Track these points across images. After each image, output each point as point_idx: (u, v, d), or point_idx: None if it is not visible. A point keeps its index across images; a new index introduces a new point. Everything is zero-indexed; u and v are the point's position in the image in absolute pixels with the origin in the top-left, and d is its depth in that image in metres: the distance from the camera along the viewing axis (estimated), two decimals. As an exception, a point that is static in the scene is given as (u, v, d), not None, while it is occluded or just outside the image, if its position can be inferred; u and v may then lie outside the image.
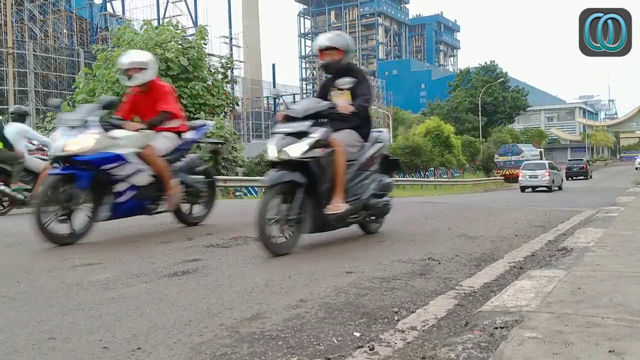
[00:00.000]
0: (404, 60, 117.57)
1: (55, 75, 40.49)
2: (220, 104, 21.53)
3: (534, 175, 30.11)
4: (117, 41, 20.49)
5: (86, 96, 19.09)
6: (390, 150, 27.86)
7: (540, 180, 29.74)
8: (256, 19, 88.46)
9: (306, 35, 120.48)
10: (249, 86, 55.03)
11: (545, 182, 29.51)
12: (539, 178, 29.83)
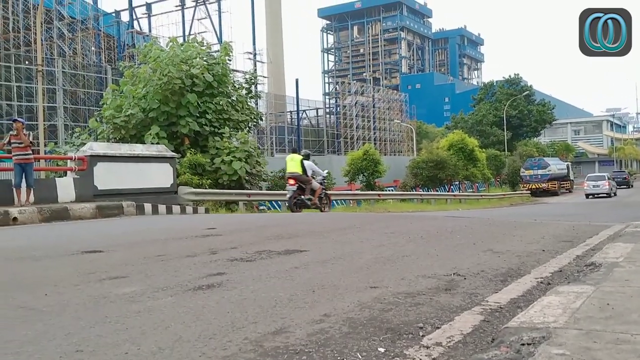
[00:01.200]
0: (427, 74, 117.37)
1: (83, 92, 41.36)
2: (245, 119, 21.73)
3: (596, 185, 37.46)
4: (144, 58, 20.86)
5: (113, 112, 19.42)
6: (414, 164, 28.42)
7: (602, 189, 36.93)
8: (280, 35, 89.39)
9: (329, 51, 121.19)
10: (272, 101, 55.47)
11: (606, 190, 36.81)
12: (600, 187, 37.05)
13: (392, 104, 70.91)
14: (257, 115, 23.99)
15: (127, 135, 19.27)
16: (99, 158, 13.92)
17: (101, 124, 20.53)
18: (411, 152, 61.15)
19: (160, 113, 19.02)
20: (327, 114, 68.08)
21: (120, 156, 14.60)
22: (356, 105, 64.18)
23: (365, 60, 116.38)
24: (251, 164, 19.87)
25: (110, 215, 12.50)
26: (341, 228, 8.78)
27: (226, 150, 19.06)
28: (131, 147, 15.90)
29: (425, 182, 38.71)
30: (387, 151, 63.80)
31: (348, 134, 60.54)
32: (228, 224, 9.96)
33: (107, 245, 6.54)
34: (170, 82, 18.62)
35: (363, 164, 33.44)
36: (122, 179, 14.26)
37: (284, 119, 58.89)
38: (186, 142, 19.42)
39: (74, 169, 13.57)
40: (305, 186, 14.90)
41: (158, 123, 18.95)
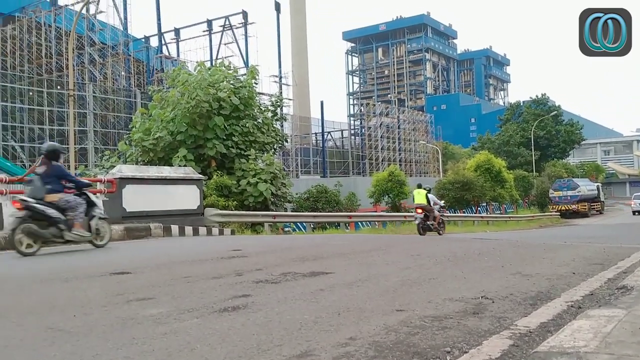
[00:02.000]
0: (452, 95, 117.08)
1: (113, 116, 42.28)
2: (270, 141, 21.91)
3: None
4: (172, 82, 21.25)
5: (142, 135, 19.77)
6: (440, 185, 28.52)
7: None
8: (305, 58, 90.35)
9: (354, 73, 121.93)
10: (297, 123, 55.86)
11: None
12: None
13: (418, 125, 70.76)
14: (283, 137, 24.17)
15: (156, 158, 19.57)
16: (127, 180, 14.13)
17: (130, 147, 20.91)
18: (437, 173, 60.74)
19: (188, 136, 19.30)
20: (352, 135, 68.21)
21: (148, 178, 14.81)
22: (381, 126, 64.22)
23: (390, 82, 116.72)
24: (277, 185, 19.97)
25: (138, 237, 12.65)
26: (366, 250, 8.73)
27: (252, 172, 19.21)
28: (159, 169, 16.13)
29: (451, 203, 38.29)
30: (412, 172, 63.49)
31: (373, 155, 60.51)
32: (253, 245, 9.99)
33: (134, 267, 6.62)
34: (198, 106, 18.92)
35: (388, 185, 33.28)
36: (150, 201, 14.45)
37: (309, 140, 59.18)
38: (213, 165, 19.63)
39: (103, 191, 13.79)
40: (429, 214, 18.09)
41: (186, 146, 19.22)
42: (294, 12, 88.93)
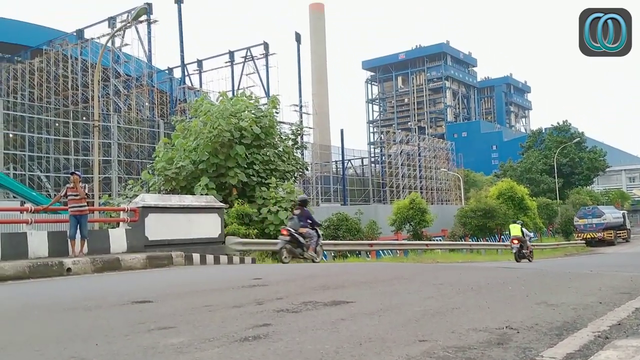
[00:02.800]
0: (473, 122, 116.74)
1: (137, 146, 42.97)
2: (291, 169, 22.00)
3: None
4: (195, 112, 21.56)
5: (165, 164, 20.00)
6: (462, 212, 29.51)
7: None
8: (325, 87, 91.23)
9: (373, 101, 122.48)
10: (318, 151, 56.11)
11: None
12: None
13: (438, 152, 70.57)
14: (303, 165, 24.26)
15: (178, 187, 19.76)
16: (150, 209, 14.28)
17: (153, 176, 21.15)
18: (459, 200, 60.29)
19: (210, 164, 19.48)
20: (373, 163, 68.24)
21: (171, 207, 14.95)
22: (401, 154, 64.17)
23: (410, 110, 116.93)
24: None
25: (160, 266, 12.71)
26: (388, 279, 8.66)
27: (273, 200, 19.27)
28: (181, 198, 16.28)
29: (474, 231, 37.89)
30: (434, 200, 63.10)
31: (394, 183, 60.35)
32: (274, 274, 9.97)
33: (156, 296, 6.64)
34: (220, 135, 19.13)
35: (409, 213, 33.08)
36: (172, 229, 14.56)
37: (330, 168, 59.31)
38: (234, 193, 19.74)
39: (126, 220, 13.95)
40: (523, 244, 22.39)
41: (207, 174, 19.39)
42: (314, 43, 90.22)
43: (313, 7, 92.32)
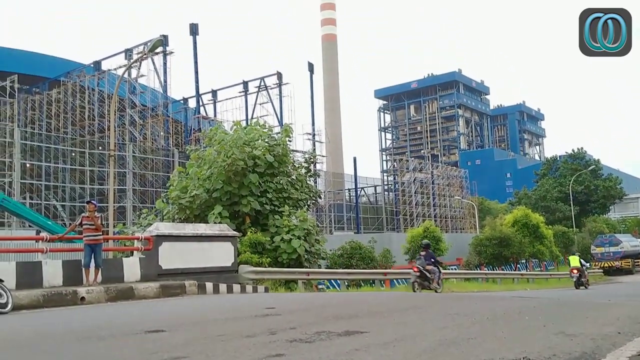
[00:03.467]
0: (487, 150, 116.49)
1: (151, 175, 43.34)
2: (304, 197, 22.03)
3: None
4: (209, 141, 21.76)
5: (179, 193, 20.13)
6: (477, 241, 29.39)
7: None
8: (337, 115, 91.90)
9: (386, 129, 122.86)
10: (331, 179, 56.16)
11: None
12: None
13: (452, 180, 70.29)
14: (316, 193, 24.28)
15: (192, 215, 19.84)
16: (164, 238, 14.33)
17: (167, 205, 21.27)
18: (474, 229, 59.77)
19: (224, 193, 19.57)
20: (386, 191, 68.08)
21: (185, 236, 14.99)
22: (415, 182, 63.99)
23: (423, 138, 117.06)
24: (310, 242, 19.92)
25: (173, 295, 12.70)
26: (402, 308, 8.56)
27: (286, 228, 19.26)
28: (195, 226, 16.33)
29: (489, 260, 37.44)
30: (448, 228, 62.60)
31: (407, 211, 60.06)
32: (287, 303, 9.91)
33: (169, 325, 6.62)
34: (234, 164, 19.26)
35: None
36: (186, 258, 14.57)
37: (343, 196, 59.25)
38: (247, 221, 19.77)
39: (140, 248, 13.99)
40: (581, 273, 24.34)
41: (221, 203, 19.46)
42: (326, 72, 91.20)
43: (325, 38, 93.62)
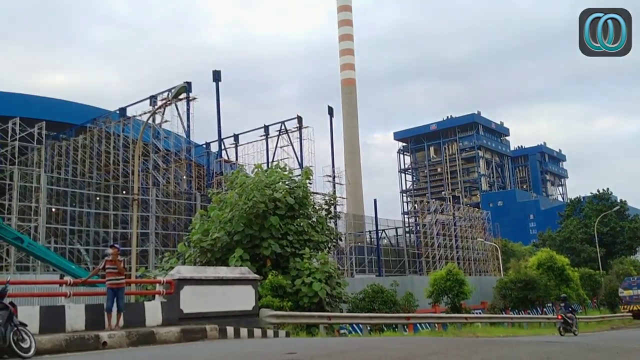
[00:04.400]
0: (508, 191, 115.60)
1: (174, 218, 43.71)
2: (324, 240, 21.99)
3: None
4: (231, 184, 22.00)
5: (201, 236, 20.27)
6: (501, 284, 29.21)
7: None
8: (357, 157, 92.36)
9: (406, 171, 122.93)
10: (351, 221, 55.98)
11: None
12: None
13: (474, 222, 69.58)
14: (337, 235, 24.25)
15: (213, 259, 19.90)
16: (185, 281, 14.36)
17: (189, 248, 21.38)
18: (497, 271, 58.76)
19: (245, 236, 19.65)
20: (407, 233, 67.56)
21: (206, 279, 15.02)
22: (436, 223, 63.45)
23: (444, 179, 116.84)
24: (331, 285, 19.78)
25: (194, 339, 12.64)
26: (426, 354, 8.42)
27: (307, 271, 19.18)
28: (216, 270, 16.36)
29: (515, 303, 36.64)
30: (471, 271, 61.62)
31: (429, 253, 59.38)
32: (308, 348, 9.81)
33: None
34: (255, 206, 19.40)
35: (447, 285, 32.30)
36: (207, 302, 14.55)
37: (364, 238, 58.90)
38: (268, 264, 19.76)
39: (161, 292, 14.03)
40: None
41: (242, 245, 19.52)
42: (346, 115, 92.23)
43: (345, 82, 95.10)
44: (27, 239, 29.07)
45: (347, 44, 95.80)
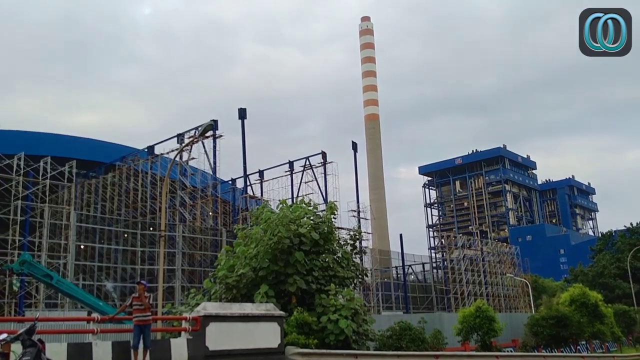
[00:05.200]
0: (537, 226, 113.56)
1: (200, 254, 43.88)
2: (350, 275, 21.77)
3: None
4: (256, 220, 22.05)
5: (226, 272, 20.25)
6: (532, 321, 28.42)
7: None
8: (382, 191, 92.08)
9: (432, 205, 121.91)
10: (377, 257, 55.43)
11: None
12: None
13: (503, 257, 68.29)
14: (363, 271, 23.99)
15: (238, 295, 19.82)
16: (211, 318, 14.33)
17: (215, 284, 21.36)
18: (528, 308, 57.30)
19: (270, 272, 19.58)
20: (434, 268, 66.58)
21: (231, 316, 14.96)
22: (464, 259, 62.47)
23: (471, 213, 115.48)
24: (358, 322, 19.49)
25: (220, 377, 12.52)
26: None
27: (332, 308, 18.95)
28: (241, 306, 16.30)
29: (547, 341, 35.56)
30: (501, 307, 60.19)
31: (457, 289, 58.29)
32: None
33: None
34: (280, 242, 19.38)
35: (476, 322, 31.55)
36: (232, 338, 14.47)
37: (390, 274, 58.18)
38: (293, 301, 19.60)
39: (187, 329, 14.01)
40: None
41: (267, 282, 19.44)
42: (370, 150, 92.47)
43: (368, 118, 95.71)
44: (56, 276, 29.41)
45: (370, 80, 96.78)
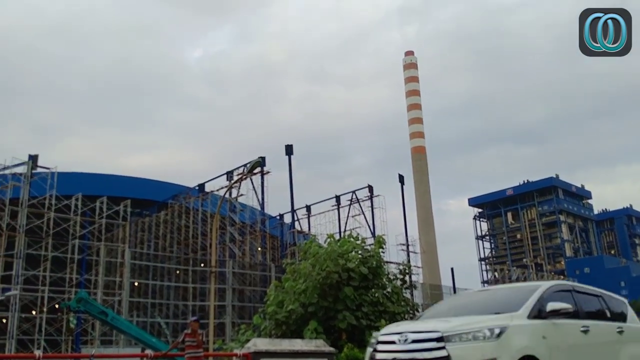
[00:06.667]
0: (595, 257, 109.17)
1: (249, 290, 44.20)
2: (401, 311, 21.43)
3: None
4: (304, 254, 22.10)
5: (275, 308, 20.30)
6: None
7: None
8: (431, 224, 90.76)
9: (483, 238, 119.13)
10: (428, 291, 54.37)
11: None
12: None
13: (560, 290, 65.78)
14: (414, 306, 23.59)
15: (288, 331, 19.78)
16: (261, 355, 14.34)
17: (264, 320, 21.43)
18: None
19: (319, 307, 19.51)
20: (488, 303, 64.62)
21: (282, 352, 14.94)
22: (519, 293, 60.46)
23: (524, 245, 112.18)
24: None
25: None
26: None
27: (383, 344, 18.67)
28: (291, 342, 16.25)
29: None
30: (560, 343, 57.69)
31: (513, 325, 56.31)
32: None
33: None
34: (328, 277, 19.33)
35: (533, 358, 30.42)
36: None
37: (442, 309, 56.77)
38: (343, 337, 19.42)
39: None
40: None
41: (316, 317, 19.35)
42: (417, 182, 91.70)
43: (415, 150, 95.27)
44: (111, 313, 30.13)
45: (416, 112, 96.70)
